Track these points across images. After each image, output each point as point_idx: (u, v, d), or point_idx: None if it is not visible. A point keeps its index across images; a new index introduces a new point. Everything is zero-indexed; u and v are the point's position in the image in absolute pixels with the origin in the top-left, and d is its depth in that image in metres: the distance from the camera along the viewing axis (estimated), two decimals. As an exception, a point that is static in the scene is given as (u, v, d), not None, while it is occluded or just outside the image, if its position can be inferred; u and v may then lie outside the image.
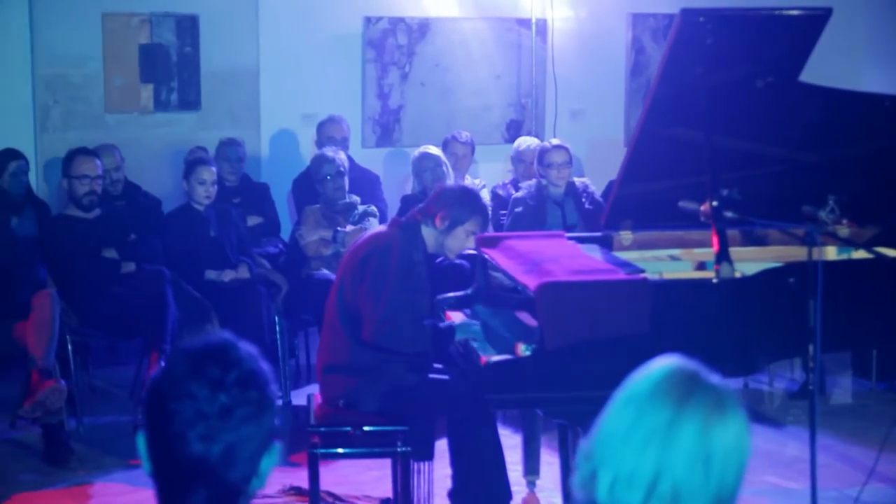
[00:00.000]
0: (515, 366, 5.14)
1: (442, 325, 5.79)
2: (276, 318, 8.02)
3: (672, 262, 6.15)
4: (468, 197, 5.92)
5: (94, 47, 9.29)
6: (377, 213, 8.31)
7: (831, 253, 6.14)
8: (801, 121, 5.85)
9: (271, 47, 9.72)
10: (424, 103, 10.13)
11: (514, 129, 10.27)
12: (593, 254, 5.97)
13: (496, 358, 5.30)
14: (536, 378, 5.06)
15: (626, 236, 6.38)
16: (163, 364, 2.29)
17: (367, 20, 9.94)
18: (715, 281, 5.25)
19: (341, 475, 6.58)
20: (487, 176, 9.86)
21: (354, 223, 8.15)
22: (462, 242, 5.88)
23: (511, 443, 6.39)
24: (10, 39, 9.09)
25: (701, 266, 6.02)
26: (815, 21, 5.37)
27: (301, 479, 6.07)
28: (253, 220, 8.73)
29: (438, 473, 6.02)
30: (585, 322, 5.05)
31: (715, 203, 5.31)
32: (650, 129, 5.74)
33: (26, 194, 8.31)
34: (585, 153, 10.18)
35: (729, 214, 5.43)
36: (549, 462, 6.33)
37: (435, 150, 8.58)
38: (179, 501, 2.24)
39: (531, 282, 5.27)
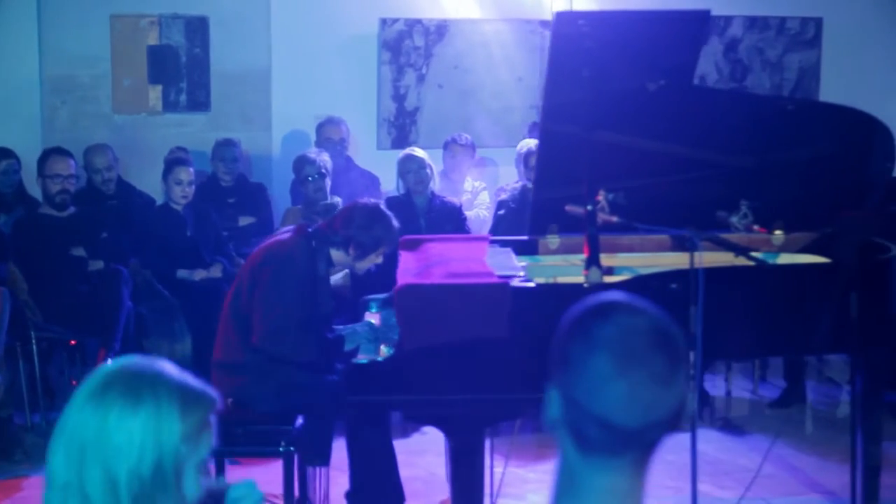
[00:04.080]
0: (373, 368, 5.09)
1: (331, 335, 5.73)
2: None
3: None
4: (379, 221, 5.75)
5: (102, 48, 9.44)
6: (358, 215, 8.27)
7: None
8: (706, 125, 5.68)
9: (284, 49, 9.75)
10: (442, 105, 10.07)
11: (536, 132, 10.13)
12: (499, 258, 5.88)
13: (357, 360, 5.27)
14: (393, 380, 5.00)
15: (552, 240, 6.27)
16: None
17: (383, 21, 9.92)
18: (586, 286, 5.13)
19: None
20: (509, 179, 9.77)
21: (333, 224, 8.14)
22: (371, 263, 5.82)
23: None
24: (18, 40, 9.28)
25: (608, 272, 5.86)
26: (695, 22, 5.20)
27: (232, 477, 6.10)
28: (245, 220, 8.78)
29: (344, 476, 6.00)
30: (443, 325, 4.97)
31: (589, 207, 5.19)
32: (549, 136, 5.65)
33: (17, 193, 8.48)
34: (607, 156, 10.01)
35: (614, 219, 5.32)
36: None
37: (420, 153, 8.54)
38: None
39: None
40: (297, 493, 5.83)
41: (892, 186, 7.80)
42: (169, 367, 2.31)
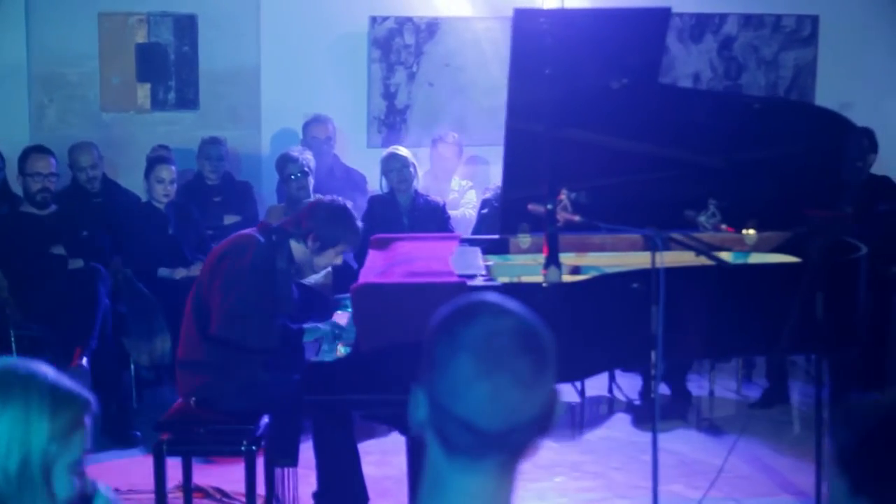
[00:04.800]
0: (329, 367, 5.08)
1: (293, 326, 5.72)
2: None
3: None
4: (341, 218, 5.79)
5: (90, 46, 9.43)
6: (341, 213, 8.26)
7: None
8: (673, 123, 5.65)
9: (273, 47, 9.73)
10: (433, 103, 10.03)
11: (525, 131, 10.10)
12: (466, 257, 5.85)
13: (315, 359, 5.25)
14: (349, 379, 4.98)
15: (523, 240, 6.24)
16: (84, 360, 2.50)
17: (373, 19, 9.89)
18: (545, 285, 5.10)
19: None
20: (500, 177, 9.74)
21: (316, 223, 8.12)
22: (330, 260, 5.83)
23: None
24: (6, 38, 9.28)
25: (575, 271, 5.84)
26: (655, 19, 5.16)
27: (204, 475, 6.38)
28: (230, 219, 8.76)
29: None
30: (399, 324, 4.94)
31: (549, 206, 5.16)
32: (514, 134, 5.62)
33: (1, 191, 8.46)
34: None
35: (576, 218, 5.29)
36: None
37: (403, 151, 8.52)
38: None
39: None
40: (264, 492, 5.83)
41: (880, 186, 7.78)
42: (43, 368, 2.30)
